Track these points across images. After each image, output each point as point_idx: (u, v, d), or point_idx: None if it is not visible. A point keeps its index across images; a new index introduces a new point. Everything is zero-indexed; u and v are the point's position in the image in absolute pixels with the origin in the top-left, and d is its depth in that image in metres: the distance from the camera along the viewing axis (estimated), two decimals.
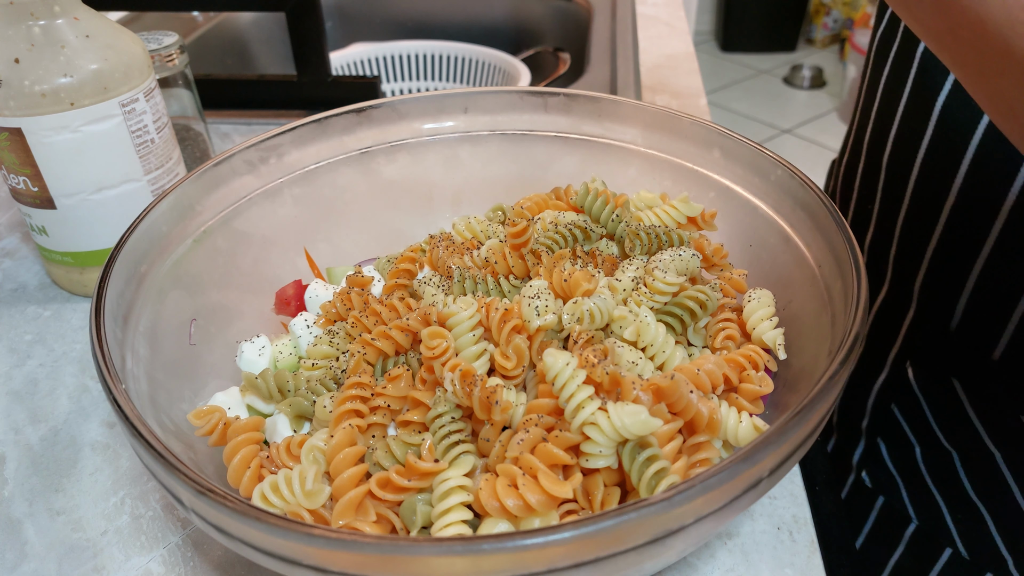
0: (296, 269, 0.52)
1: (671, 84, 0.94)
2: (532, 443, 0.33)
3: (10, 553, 0.42)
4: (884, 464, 0.62)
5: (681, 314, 0.42)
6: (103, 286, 0.37)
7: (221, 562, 0.41)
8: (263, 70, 1.21)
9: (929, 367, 0.56)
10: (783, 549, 0.41)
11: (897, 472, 0.61)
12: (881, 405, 0.61)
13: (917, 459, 0.59)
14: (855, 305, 0.34)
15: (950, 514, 0.57)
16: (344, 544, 0.26)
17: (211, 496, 0.27)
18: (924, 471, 0.58)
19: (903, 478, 0.60)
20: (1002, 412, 0.52)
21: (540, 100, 0.54)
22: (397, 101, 0.54)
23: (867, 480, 0.63)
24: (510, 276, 0.45)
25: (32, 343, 0.57)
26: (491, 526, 0.32)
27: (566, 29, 1.20)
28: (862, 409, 0.63)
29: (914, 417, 0.58)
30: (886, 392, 0.61)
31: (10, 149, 0.53)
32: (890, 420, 0.61)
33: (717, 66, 3.40)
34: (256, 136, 0.50)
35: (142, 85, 0.55)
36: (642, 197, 0.50)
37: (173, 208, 0.44)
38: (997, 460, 0.53)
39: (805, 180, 0.43)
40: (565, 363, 0.34)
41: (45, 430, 0.50)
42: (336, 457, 0.34)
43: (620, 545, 0.26)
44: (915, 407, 0.58)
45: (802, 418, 0.29)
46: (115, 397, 0.32)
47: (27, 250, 0.68)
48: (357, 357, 0.40)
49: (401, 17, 1.29)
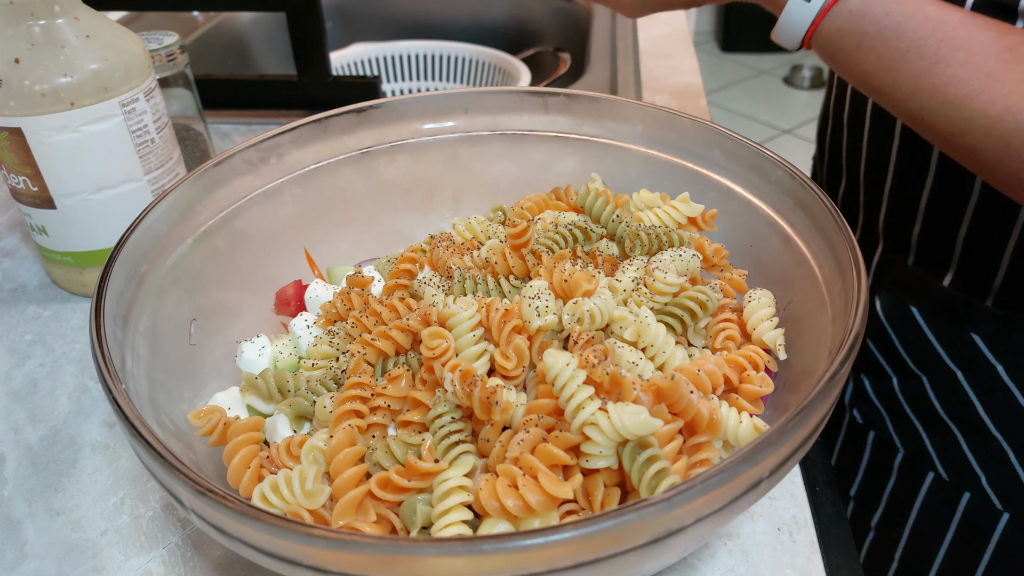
0: (296, 269, 0.52)
1: (671, 84, 0.95)
2: (532, 443, 0.33)
3: (10, 553, 0.42)
4: (870, 399, 0.67)
5: (681, 314, 0.42)
6: (103, 286, 0.37)
7: (221, 562, 0.41)
8: (263, 70, 1.21)
9: (892, 298, 0.63)
10: (783, 550, 0.41)
11: (881, 405, 0.66)
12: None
13: (895, 389, 0.64)
14: (855, 305, 0.34)
15: (928, 439, 0.62)
16: (344, 544, 0.26)
17: (211, 496, 0.27)
18: (902, 399, 0.63)
19: (886, 409, 0.65)
20: (955, 332, 0.57)
21: (540, 100, 0.54)
22: (397, 101, 0.54)
23: (858, 417, 0.68)
24: (510, 276, 0.45)
25: (32, 343, 0.57)
26: (491, 526, 0.32)
27: (566, 29, 1.20)
28: None
29: (886, 348, 0.65)
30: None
31: (10, 149, 0.53)
32: (868, 355, 0.67)
33: (717, 66, 3.40)
34: (256, 136, 0.50)
35: (142, 85, 0.55)
36: (642, 197, 0.50)
37: (173, 208, 0.44)
38: (959, 379, 0.58)
39: (805, 180, 0.43)
40: (565, 363, 0.34)
41: (45, 430, 0.50)
42: (336, 457, 0.34)
43: (620, 545, 0.26)
44: (886, 338, 0.64)
45: (802, 418, 0.29)
46: (115, 397, 0.32)
47: (27, 250, 0.68)
48: (357, 357, 0.40)
49: (401, 17, 1.29)
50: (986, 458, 0.58)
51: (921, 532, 0.64)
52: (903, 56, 0.44)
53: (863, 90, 0.49)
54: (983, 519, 0.59)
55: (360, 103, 0.53)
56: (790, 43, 0.50)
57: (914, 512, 0.64)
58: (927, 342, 0.60)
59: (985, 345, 0.56)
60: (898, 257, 0.63)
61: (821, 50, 0.49)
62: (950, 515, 0.61)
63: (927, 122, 0.45)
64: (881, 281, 0.64)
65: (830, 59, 0.49)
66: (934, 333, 0.59)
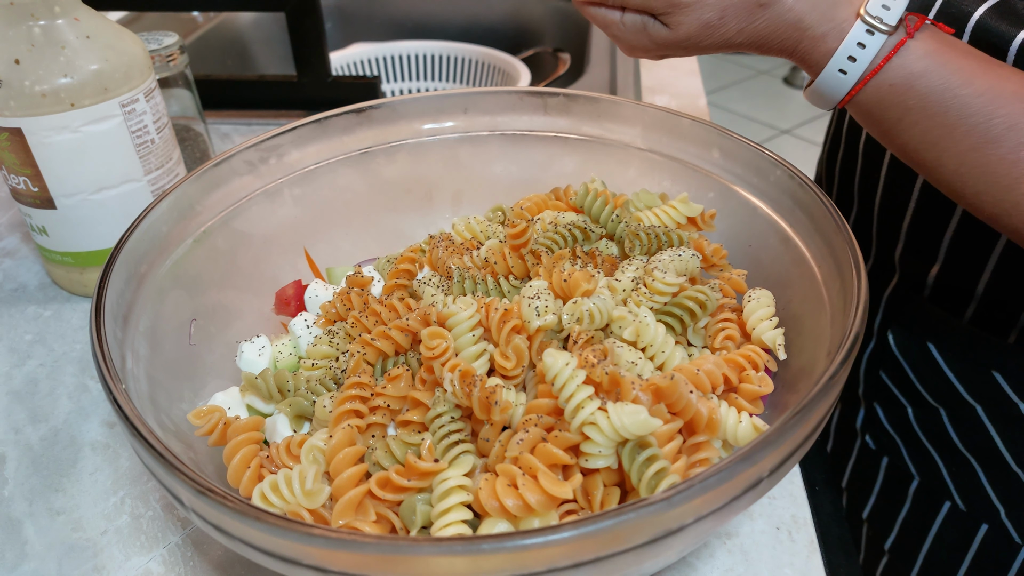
0: (296, 269, 0.52)
1: (671, 84, 0.95)
2: (532, 443, 0.34)
3: (10, 553, 0.42)
4: (883, 427, 0.64)
5: (681, 314, 0.42)
6: (103, 286, 0.37)
7: (221, 562, 0.41)
8: (263, 70, 1.21)
9: (908, 334, 0.59)
10: (783, 549, 0.41)
11: (895, 433, 0.63)
12: (872, 372, 0.64)
13: (910, 419, 0.61)
14: (855, 305, 0.34)
15: (945, 469, 0.59)
16: (344, 544, 0.26)
17: (211, 496, 0.27)
18: (918, 429, 0.61)
19: (901, 438, 0.62)
20: (975, 370, 0.55)
21: (540, 100, 0.54)
22: (397, 101, 0.54)
23: (871, 443, 0.66)
24: (510, 276, 0.45)
25: (32, 343, 0.57)
26: (491, 526, 0.32)
27: (566, 29, 1.20)
28: (856, 377, 0.66)
29: (901, 381, 0.61)
30: (874, 360, 0.63)
31: (10, 149, 0.53)
32: (881, 385, 0.63)
33: (717, 66, 3.40)
34: (256, 136, 0.50)
35: (142, 85, 0.55)
36: (642, 197, 0.50)
37: (173, 208, 0.45)
38: (979, 413, 0.55)
39: (805, 180, 0.43)
40: (565, 363, 0.34)
41: (45, 430, 0.50)
42: (336, 457, 0.34)
43: (620, 545, 0.26)
44: (900, 371, 0.61)
45: (802, 418, 0.29)
46: (115, 397, 0.32)
47: (27, 250, 0.68)
48: (357, 357, 0.40)
49: (401, 17, 1.29)
50: (1006, 493, 0.56)
51: (936, 560, 0.61)
52: (948, 133, 0.40)
53: (903, 159, 0.44)
54: (1001, 552, 0.57)
55: (360, 103, 0.53)
56: (824, 106, 0.46)
57: (929, 539, 0.62)
58: (944, 378, 0.57)
59: (1007, 383, 0.53)
60: (914, 292, 0.59)
61: (859, 116, 0.44)
62: (966, 545, 0.59)
63: (970, 200, 0.42)
64: (895, 316, 0.61)
65: (868, 126, 0.45)
66: (953, 370, 0.56)
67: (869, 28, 0.40)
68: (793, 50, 0.43)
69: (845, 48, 0.41)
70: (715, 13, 0.43)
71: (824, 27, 0.42)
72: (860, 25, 0.40)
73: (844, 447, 0.70)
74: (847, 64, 0.41)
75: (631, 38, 0.47)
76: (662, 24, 0.45)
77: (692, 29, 0.44)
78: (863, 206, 0.63)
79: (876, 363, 0.63)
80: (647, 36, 0.46)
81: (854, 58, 0.41)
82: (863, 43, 0.41)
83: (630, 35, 0.47)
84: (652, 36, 0.46)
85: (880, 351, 0.62)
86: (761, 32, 0.43)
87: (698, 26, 0.44)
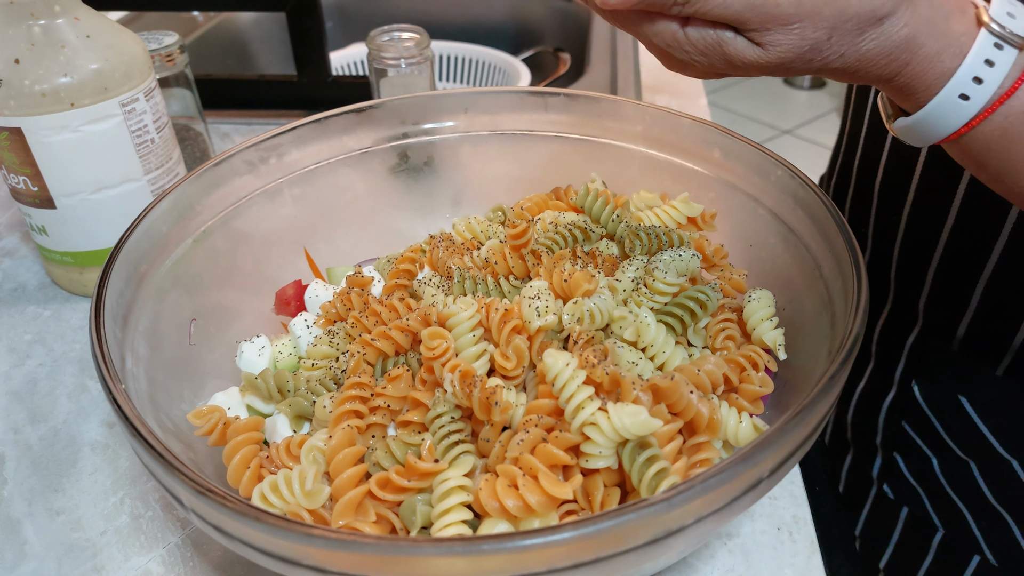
0: (296, 269, 0.52)
1: (671, 84, 0.95)
2: (532, 443, 0.33)
3: (10, 553, 0.42)
4: (904, 476, 0.60)
5: (681, 314, 0.42)
6: (103, 286, 0.37)
7: (221, 562, 0.41)
8: (263, 70, 1.21)
9: (935, 386, 0.54)
10: (783, 549, 0.41)
11: (918, 483, 0.59)
12: (892, 423, 0.60)
13: (935, 470, 0.57)
14: (855, 305, 0.34)
15: (975, 522, 0.55)
16: (344, 544, 0.26)
17: (211, 496, 0.27)
18: (943, 481, 0.57)
19: (924, 489, 0.59)
20: (1012, 424, 0.51)
21: (540, 100, 0.54)
22: (397, 101, 0.54)
23: (889, 492, 0.61)
24: (510, 276, 0.45)
25: (32, 343, 0.57)
26: (491, 526, 0.32)
27: (566, 29, 1.20)
28: (874, 426, 0.62)
29: (926, 432, 0.56)
30: (895, 410, 0.60)
31: (10, 149, 0.53)
32: (903, 436, 0.59)
33: None
34: (256, 136, 0.50)
35: (142, 85, 0.55)
36: (642, 197, 0.50)
37: (173, 208, 0.44)
38: (1015, 467, 0.52)
39: (805, 180, 0.43)
40: (565, 363, 0.34)
41: (45, 430, 0.50)
42: (336, 457, 0.34)
43: (620, 545, 0.26)
44: (926, 423, 0.56)
45: (802, 418, 0.29)
46: (115, 397, 0.32)
47: (27, 250, 0.68)
48: (357, 357, 0.40)
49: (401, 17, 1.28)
50: None
51: None
52: None
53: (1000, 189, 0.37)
54: None
55: (360, 103, 0.53)
56: (921, 142, 0.37)
57: None
58: (977, 432, 0.53)
59: None
60: (941, 341, 0.54)
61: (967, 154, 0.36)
62: None
63: None
64: (920, 366, 0.56)
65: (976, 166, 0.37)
66: (987, 424, 0.52)
67: (998, 42, 0.33)
68: (895, 76, 0.34)
69: (969, 67, 0.33)
70: (825, 32, 0.33)
71: (937, 43, 0.33)
72: (987, 38, 0.33)
73: (859, 494, 0.65)
74: (971, 87, 0.33)
75: (697, 57, 0.35)
76: (749, 41, 0.34)
77: (790, 51, 0.33)
78: (879, 249, 0.57)
79: (897, 413, 0.60)
80: (722, 56, 0.34)
81: (980, 79, 0.33)
82: (991, 60, 0.33)
83: (696, 54, 0.35)
84: (731, 57, 0.34)
85: (902, 401, 0.59)
86: (865, 55, 0.34)
87: (800, 47, 0.33)
